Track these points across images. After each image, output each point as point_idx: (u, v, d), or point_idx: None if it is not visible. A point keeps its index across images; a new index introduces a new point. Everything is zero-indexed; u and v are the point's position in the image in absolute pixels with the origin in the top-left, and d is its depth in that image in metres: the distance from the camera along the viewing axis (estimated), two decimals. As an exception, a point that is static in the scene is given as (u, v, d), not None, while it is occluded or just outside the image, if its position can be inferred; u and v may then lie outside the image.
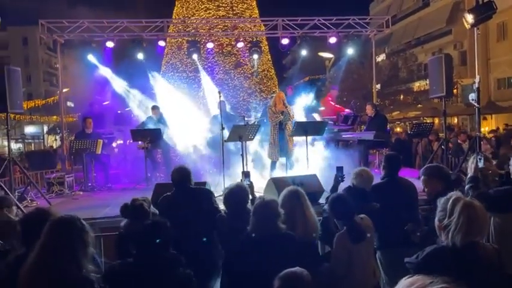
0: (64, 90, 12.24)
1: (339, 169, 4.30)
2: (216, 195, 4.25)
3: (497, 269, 2.20)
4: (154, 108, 9.02)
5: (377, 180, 4.18)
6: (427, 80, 14.85)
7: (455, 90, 20.97)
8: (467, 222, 2.15)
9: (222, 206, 3.73)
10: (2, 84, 6.14)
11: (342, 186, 4.16)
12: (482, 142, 6.73)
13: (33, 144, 41.31)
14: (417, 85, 28.46)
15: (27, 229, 2.52)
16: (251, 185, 4.12)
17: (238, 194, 3.43)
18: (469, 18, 6.33)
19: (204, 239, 3.55)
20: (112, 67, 10.56)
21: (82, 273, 2.15)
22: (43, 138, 41.53)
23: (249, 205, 3.52)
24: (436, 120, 22.44)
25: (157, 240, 2.35)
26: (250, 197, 3.68)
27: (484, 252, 2.21)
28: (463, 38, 26.72)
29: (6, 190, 6.11)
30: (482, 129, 10.43)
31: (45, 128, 40.60)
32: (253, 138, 6.90)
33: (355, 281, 3.13)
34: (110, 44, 9.94)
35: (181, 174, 3.88)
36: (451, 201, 2.26)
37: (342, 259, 3.13)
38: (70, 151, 8.23)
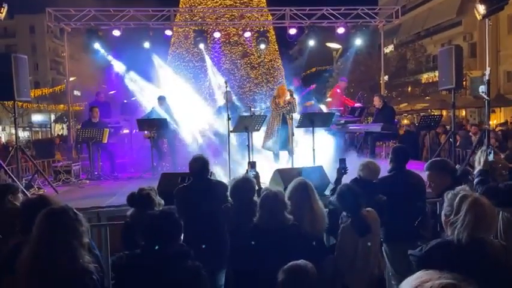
0: (71, 79, 12.26)
1: (342, 161, 4.28)
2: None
3: (505, 266, 2.17)
4: (161, 98, 9.00)
5: (384, 172, 4.14)
6: (436, 71, 14.69)
7: (464, 83, 20.70)
8: (474, 221, 2.13)
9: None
10: (9, 72, 6.15)
11: (346, 179, 4.13)
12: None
13: (40, 133, 41.63)
14: (425, 77, 28.16)
15: (28, 216, 2.51)
16: (257, 176, 4.11)
17: (244, 187, 3.41)
18: (481, 9, 6.21)
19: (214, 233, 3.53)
20: (118, 56, 10.55)
21: (79, 263, 2.13)
22: (50, 127, 41.79)
23: (255, 196, 3.51)
24: (444, 113, 22.24)
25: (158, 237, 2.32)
26: (256, 187, 3.67)
27: (491, 248, 2.17)
28: (473, 30, 26.31)
29: (14, 177, 6.16)
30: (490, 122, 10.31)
31: (53, 117, 40.83)
32: (259, 129, 6.88)
33: (359, 273, 3.12)
34: (116, 33, 9.93)
35: (200, 164, 3.82)
36: (458, 198, 2.23)
37: (347, 251, 3.13)
38: (77, 140, 8.27)
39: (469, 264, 2.04)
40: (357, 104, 10.21)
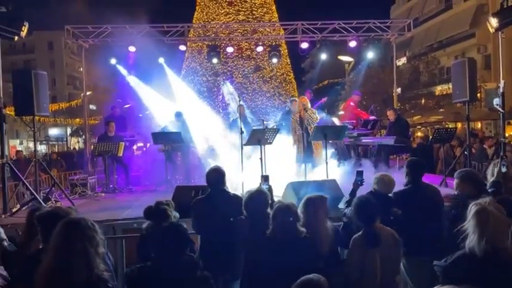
0: (88, 93, 12.53)
1: (359, 173, 4.27)
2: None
3: None
4: (177, 115, 9.06)
5: (399, 185, 4.13)
6: (450, 83, 14.59)
7: (478, 95, 20.48)
8: (480, 227, 2.20)
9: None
10: (30, 87, 6.34)
11: (361, 191, 4.13)
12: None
13: (56, 146, 42.37)
14: (439, 89, 27.93)
15: (46, 226, 2.60)
16: (270, 189, 4.13)
17: (258, 199, 3.44)
18: (494, 22, 6.21)
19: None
20: (134, 71, 10.77)
21: (95, 272, 2.20)
22: (66, 140, 42.53)
23: (268, 209, 3.53)
24: (459, 125, 21.96)
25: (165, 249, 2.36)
26: (270, 201, 3.69)
27: (507, 256, 2.20)
28: (486, 42, 26.11)
29: (32, 190, 6.30)
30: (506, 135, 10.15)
31: (69, 130, 41.58)
32: (272, 142, 6.91)
33: (370, 285, 3.10)
34: (132, 49, 10.15)
35: (217, 176, 3.86)
36: (469, 208, 2.32)
37: (356, 262, 3.12)
38: (93, 153, 8.42)
39: (488, 273, 2.09)
40: (371, 117, 10.20)
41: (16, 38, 6.14)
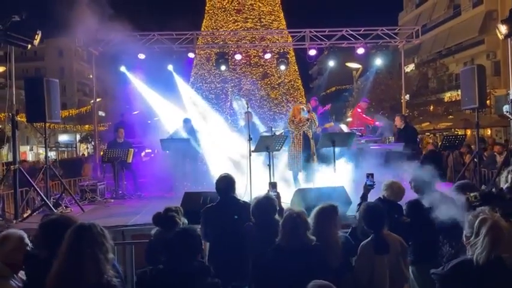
0: (97, 100, 12.68)
1: (369, 176, 4.23)
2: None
3: None
4: (186, 121, 9.13)
5: (408, 192, 4.10)
6: (459, 90, 14.52)
7: (488, 101, 20.31)
8: (492, 243, 2.20)
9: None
10: (41, 95, 6.44)
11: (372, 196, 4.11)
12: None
13: (66, 152, 42.77)
14: (448, 95, 27.75)
15: (49, 234, 2.64)
16: (278, 196, 4.14)
17: (265, 205, 3.45)
18: (503, 29, 6.20)
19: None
20: (143, 78, 10.88)
21: (104, 277, 2.22)
22: (76, 147, 42.93)
23: (276, 216, 3.54)
24: (468, 132, 21.77)
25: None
26: (278, 208, 3.69)
27: (510, 266, 2.21)
28: (496, 48, 25.94)
29: (43, 196, 6.38)
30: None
31: (78, 137, 41.98)
32: (280, 149, 6.93)
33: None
34: (141, 56, 10.27)
35: (227, 183, 3.86)
36: (478, 220, 2.28)
37: (365, 269, 3.11)
38: (102, 159, 8.50)
39: (488, 283, 2.09)
40: (377, 123, 10.16)
41: (29, 46, 6.26)
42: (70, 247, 2.24)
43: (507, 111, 6.33)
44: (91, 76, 11.26)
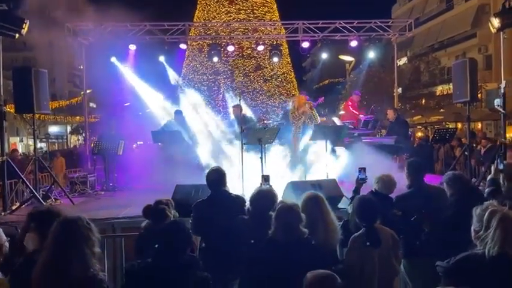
0: (87, 91, 12.52)
1: (361, 170, 4.23)
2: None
3: None
4: (177, 113, 9.07)
5: (399, 185, 4.11)
6: (450, 84, 14.59)
7: (479, 95, 20.46)
8: (504, 236, 2.18)
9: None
10: (30, 85, 6.33)
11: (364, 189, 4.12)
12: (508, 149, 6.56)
13: (56, 144, 42.35)
14: (440, 89, 27.90)
15: (40, 224, 2.61)
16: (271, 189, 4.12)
17: (267, 198, 3.42)
18: (495, 22, 6.20)
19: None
20: (134, 69, 10.76)
21: (90, 271, 2.19)
22: (66, 138, 42.51)
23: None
24: (459, 125, 21.95)
25: (167, 247, 2.37)
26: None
27: None
28: (488, 42, 26.08)
29: (32, 188, 6.30)
30: (507, 135, 10.13)
31: (69, 128, 41.56)
32: (272, 142, 6.91)
33: (368, 285, 3.09)
34: (132, 47, 10.14)
35: (218, 177, 3.83)
36: (487, 213, 2.27)
37: (356, 261, 3.11)
38: (93, 151, 8.41)
39: (496, 278, 2.08)
40: (361, 115, 10.12)
41: (17, 35, 6.13)
42: (55, 241, 2.21)
43: (498, 105, 6.36)
44: (81, 67, 11.06)
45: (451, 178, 3.76)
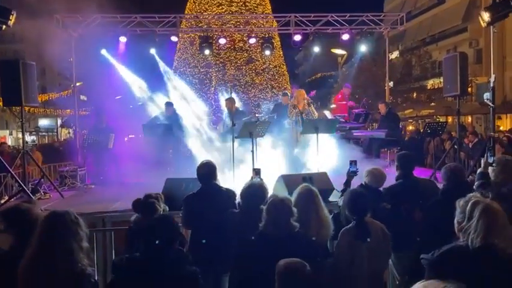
0: (77, 84, 12.37)
1: (352, 163, 4.24)
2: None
3: None
4: (167, 104, 9.03)
5: (390, 178, 4.14)
6: (441, 77, 14.68)
7: (469, 89, 20.63)
8: (487, 226, 2.17)
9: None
10: (17, 78, 6.24)
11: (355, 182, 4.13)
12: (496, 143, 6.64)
13: (47, 137, 41.90)
14: (431, 83, 28.09)
15: (11, 223, 2.56)
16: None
17: (258, 191, 3.41)
18: (485, 16, 6.22)
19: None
20: (125, 62, 10.65)
21: (78, 266, 2.18)
22: (57, 131, 42.07)
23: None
24: (450, 119, 22.14)
25: (157, 242, 2.37)
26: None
27: (503, 255, 2.19)
28: (478, 36, 26.24)
29: (20, 182, 6.23)
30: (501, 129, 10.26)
31: (59, 121, 41.11)
32: (263, 135, 6.90)
33: (358, 279, 3.12)
34: (122, 39, 10.03)
35: (208, 170, 3.80)
36: (470, 204, 2.27)
37: (345, 255, 3.12)
38: (83, 144, 8.34)
39: (480, 270, 2.08)
40: (350, 104, 10.12)
41: (4, 27, 6.02)
42: (42, 235, 2.18)
43: (487, 99, 6.41)
44: (71, 59, 10.91)
45: (447, 170, 3.79)
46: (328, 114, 9.48)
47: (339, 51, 19.05)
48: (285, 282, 2.37)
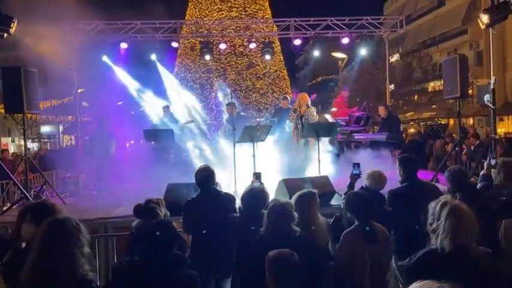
0: (79, 90, 12.43)
1: (355, 165, 4.23)
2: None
3: (491, 272, 2.21)
4: (165, 107, 9.15)
5: (390, 181, 4.13)
6: (442, 80, 14.70)
7: (470, 91, 20.60)
8: (453, 227, 2.19)
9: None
10: (19, 85, 6.27)
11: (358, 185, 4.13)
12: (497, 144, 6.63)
13: (48, 144, 42.00)
14: (432, 85, 28.07)
15: (36, 217, 2.62)
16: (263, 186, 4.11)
17: (258, 196, 3.41)
18: (484, 18, 6.24)
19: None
20: (126, 68, 10.70)
21: (79, 272, 2.17)
22: (58, 138, 42.17)
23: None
24: (451, 121, 22.09)
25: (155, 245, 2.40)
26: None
27: (475, 255, 2.21)
28: (479, 38, 26.24)
29: (22, 189, 6.25)
30: (498, 131, 10.22)
31: (61, 128, 41.21)
32: (264, 139, 6.91)
33: (360, 281, 3.11)
34: (123, 45, 10.08)
35: (206, 175, 3.79)
36: (438, 205, 2.30)
37: (347, 257, 3.12)
38: (85, 150, 8.37)
39: (454, 271, 2.07)
40: (351, 112, 10.13)
41: (5, 35, 6.07)
42: (43, 241, 2.19)
43: (488, 101, 6.41)
44: (73, 66, 10.96)
45: (452, 172, 3.78)
46: (329, 117, 9.49)
47: (339, 55, 19.08)
48: (275, 270, 2.43)
